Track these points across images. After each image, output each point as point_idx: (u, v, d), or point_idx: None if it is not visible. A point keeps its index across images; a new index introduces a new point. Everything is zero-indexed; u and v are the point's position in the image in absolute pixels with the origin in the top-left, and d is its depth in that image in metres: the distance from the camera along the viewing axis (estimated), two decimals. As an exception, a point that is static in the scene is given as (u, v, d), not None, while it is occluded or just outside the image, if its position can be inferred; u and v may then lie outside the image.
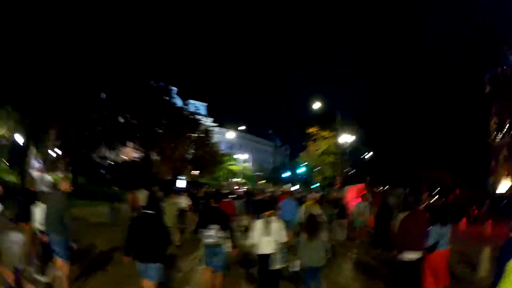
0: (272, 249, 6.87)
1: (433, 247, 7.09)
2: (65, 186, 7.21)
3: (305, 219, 7.58)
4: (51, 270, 7.19)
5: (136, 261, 6.05)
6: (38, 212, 7.58)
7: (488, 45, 30.17)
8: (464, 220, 18.60)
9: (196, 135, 45.34)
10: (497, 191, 30.00)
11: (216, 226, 6.79)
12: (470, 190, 26.10)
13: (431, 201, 23.38)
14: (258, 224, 7.01)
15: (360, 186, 24.46)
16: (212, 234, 6.78)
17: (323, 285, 7.64)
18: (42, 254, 7.50)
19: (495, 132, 30.66)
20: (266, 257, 6.90)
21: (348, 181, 32.59)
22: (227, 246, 7.13)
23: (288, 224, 11.25)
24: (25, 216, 7.94)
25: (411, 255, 7.04)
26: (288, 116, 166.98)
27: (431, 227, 7.24)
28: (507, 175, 32.40)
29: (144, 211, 6.47)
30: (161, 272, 6.14)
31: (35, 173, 27.02)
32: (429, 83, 29.78)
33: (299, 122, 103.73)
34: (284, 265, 7.14)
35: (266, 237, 6.85)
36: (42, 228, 7.30)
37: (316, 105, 31.91)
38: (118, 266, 7.13)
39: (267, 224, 6.89)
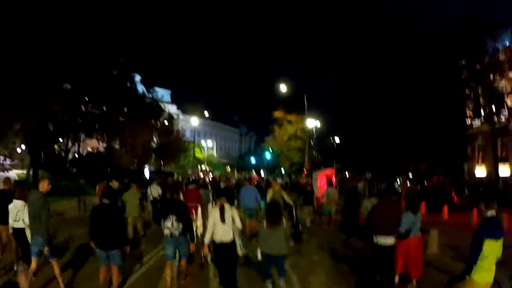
0: (229, 236, 6.74)
1: (406, 234, 7.08)
2: (43, 186, 7.07)
3: (266, 207, 7.50)
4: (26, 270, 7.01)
5: (98, 248, 6.49)
6: (15, 211, 7.61)
7: (469, 33, 29.72)
8: (445, 208, 18.14)
9: (159, 122, 43.73)
10: (475, 177, 30.32)
11: (173, 217, 6.85)
12: (445, 177, 25.97)
13: (407, 188, 23.24)
14: (213, 212, 6.84)
15: (329, 171, 24.02)
16: (169, 225, 6.84)
17: (289, 273, 7.74)
18: (23, 254, 7.56)
19: (470, 119, 30.77)
20: (222, 246, 6.76)
21: (316, 167, 32.22)
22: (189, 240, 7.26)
23: (248, 212, 11.88)
24: (4, 218, 7.79)
25: (385, 240, 7.07)
26: (254, 102, 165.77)
27: (403, 213, 7.25)
28: (482, 162, 32.80)
29: (100, 201, 6.85)
30: (120, 256, 6.60)
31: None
32: (403, 67, 29.22)
33: (266, 108, 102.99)
34: (242, 253, 7.01)
35: (221, 225, 6.69)
36: (16, 226, 7.47)
37: (283, 88, 30.94)
38: (94, 257, 7.12)
39: (221, 212, 6.72)
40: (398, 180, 29.75)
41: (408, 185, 24.87)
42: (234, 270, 6.94)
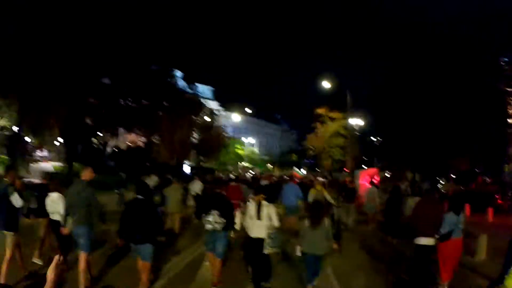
0: (263, 233, 6.85)
1: (447, 235, 6.90)
2: (86, 174, 7.06)
3: (309, 206, 7.66)
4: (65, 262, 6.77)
5: (130, 243, 6.59)
6: (51, 204, 7.70)
7: (506, 26, 27.82)
8: (491, 210, 16.91)
9: (199, 118, 43.70)
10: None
11: (215, 212, 6.74)
12: (489, 178, 24.47)
13: (454, 188, 22.02)
14: (250, 208, 7.03)
15: (372, 171, 23.31)
16: (211, 219, 6.74)
17: (328, 272, 7.84)
18: (60, 246, 7.49)
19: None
20: (257, 241, 6.88)
21: (359, 165, 31.27)
22: (229, 232, 7.39)
23: (289, 209, 12.07)
24: (43, 211, 7.95)
25: (427, 240, 6.95)
26: (296, 100, 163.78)
27: (445, 214, 7.09)
28: None
29: (135, 196, 6.79)
30: (152, 253, 6.53)
31: (38, 164, 27.46)
32: (445, 66, 27.78)
33: (308, 106, 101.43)
34: (275, 250, 7.15)
35: (257, 221, 6.85)
36: (60, 219, 7.34)
37: (326, 84, 29.99)
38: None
39: (258, 208, 6.87)
40: (441, 180, 28.34)
41: (452, 185, 23.47)
42: (266, 265, 7.00)
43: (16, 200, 6.90)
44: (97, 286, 7.06)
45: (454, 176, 26.13)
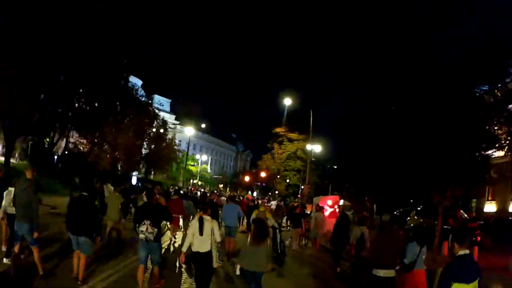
0: (206, 248, 6.92)
1: (410, 266, 6.86)
2: (30, 173, 7.33)
3: (253, 224, 7.73)
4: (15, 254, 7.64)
5: (70, 233, 7.15)
6: (6, 196, 7.97)
7: (495, 57, 27.26)
8: (475, 249, 15.19)
9: (150, 128, 40.95)
10: (482, 213, 27.62)
11: (148, 222, 6.95)
12: (468, 213, 23.22)
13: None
14: (193, 223, 7.12)
15: (333, 198, 21.95)
16: (143, 229, 6.93)
17: None
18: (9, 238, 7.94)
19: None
20: (199, 255, 6.94)
21: (316, 192, 29.74)
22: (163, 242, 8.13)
23: (229, 229, 11.89)
24: None
25: (386, 272, 6.64)
26: (253, 122, 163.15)
27: (408, 244, 7.00)
28: (491, 197, 30.13)
29: (80, 193, 7.37)
30: (90, 246, 7.16)
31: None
32: (418, 91, 26.73)
33: (264, 128, 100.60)
34: (217, 265, 7.19)
35: (199, 236, 6.91)
36: (10, 212, 7.76)
37: (287, 101, 28.06)
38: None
39: (200, 224, 6.92)
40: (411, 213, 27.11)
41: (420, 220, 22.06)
42: (208, 280, 7.09)
43: None
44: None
45: (419, 209, 24.75)
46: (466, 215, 20.73)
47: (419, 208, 24.03)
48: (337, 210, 19.99)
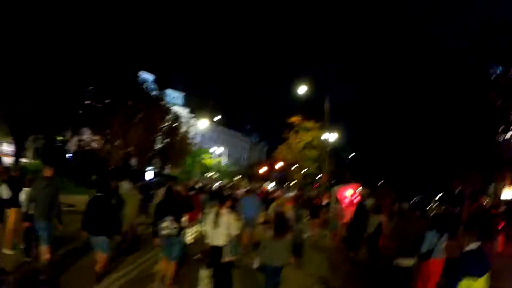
0: (223, 241, 6.90)
1: (427, 254, 6.72)
2: (48, 172, 7.59)
3: (273, 218, 7.48)
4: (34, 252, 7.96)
5: (89, 234, 7.47)
6: (24, 197, 8.09)
7: (495, 37, 25.87)
8: (501, 238, 14.21)
9: (164, 122, 40.26)
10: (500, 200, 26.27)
11: (170, 218, 7.13)
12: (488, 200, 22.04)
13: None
14: (209, 216, 7.10)
15: (354, 185, 20.85)
16: (166, 225, 7.08)
17: (284, 285, 7.61)
18: (26, 237, 8.20)
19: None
20: (216, 249, 6.92)
21: (338, 181, 28.78)
22: (186, 237, 8.36)
23: (247, 222, 11.61)
24: (15, 202, 8.43)
25: (407, 261, 6.83)
26: (268, 112, 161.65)
27: (427, 232, 6.91)
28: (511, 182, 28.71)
29: (96, 194, 7.68)
30: (108, 245, 7.57)
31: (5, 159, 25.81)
32: (431, 77, 25.68)
33: (280, 117, 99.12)
34: (235, 258, 7.18)
35: (216, 229, 6.88)
36: (29, 212, 7.78)
37: (301, 89, 26.86)
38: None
39: (217, 217, 6.90)
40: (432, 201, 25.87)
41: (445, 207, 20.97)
42: (226, 274, 7.05)
43: (4, 191, 7.91)
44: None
45: (440, 196, 23.79)
46: (487, 201, 19.56)
47: (439, 196, 23.09)
48: (357, 199, 19.15)
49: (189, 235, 10.90)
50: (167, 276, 7.61)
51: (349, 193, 19.85)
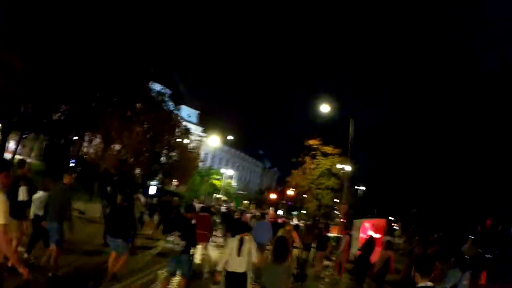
0: (244, 268, 6.97)
1: None
2: (67, 179, 7.94)
3: (273, 242, 7.43)
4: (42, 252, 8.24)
5: (110, 236, 8.19)
6: (36, 199, 8.23)
7: None
8: None
9: (171, 136, 37.83)
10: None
11: (176, 233, 7.28)
12: None
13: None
14: (232, 243, 7.06)
15: (380, 221, 18.27)
16: (171, 239, 7.28)
17: None
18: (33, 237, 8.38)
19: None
20: (237, 276, 6.96)
21: (358, 214, 26.00)
22: (193, 255, 8.35)
23: (259, 246, 11.03)
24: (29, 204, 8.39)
25: None
26: (282, 135, 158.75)
27: (449, 270, 7.20)
28: None
29: (121, 203, 8.90)
30: (126, 248, 8.16)
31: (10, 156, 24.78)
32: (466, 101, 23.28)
33: (295, 141, 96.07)
34: (251, 287, 7.21)
35: (237, 257, 6.91)
36: (40, 213, 8.11)
37: (323, 109, 23.96)
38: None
39: (240, 244, 6.92)
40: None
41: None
42: None
43: (23, 192, 7.85)
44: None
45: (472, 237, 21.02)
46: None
47: (471, 236, 20.29)
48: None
49: (198, 256, 11.01)
50: None
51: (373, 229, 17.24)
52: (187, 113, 76.44)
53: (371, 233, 16.15)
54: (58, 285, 7.33)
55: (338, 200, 37.40)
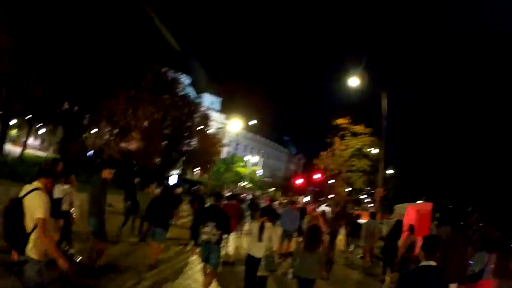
0: (260, 254, 7.20)
1: (478, 275, 6.87)
2: (106, 174, 7.99)
3: (306, 230, 7.75)
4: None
5: (151, 225, 8.97)
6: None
7: None
8: None
9: (191, 121, 36.01)
10: None
11: (212, 224, 7.21)
12: None
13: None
14: (253, 228, 7.39)
15: (426, 205, 16.66)
16: (207, 230, 7.17)
17: None
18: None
19: None
20: (254, 260, 7.22)
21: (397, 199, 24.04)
22: (225, 246, 9.31)
23: (286, 234, 12.73)
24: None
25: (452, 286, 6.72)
26: (309, 119, 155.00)
27: (477, 254, 7.21)
28: None
29: (159, 195, 9.82)
30: (163, 236, 8.77)
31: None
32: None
33: (322, 123, 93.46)
34: (269, 273, 7.62)
35: (258, 242, 7.13)
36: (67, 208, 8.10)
37: (352, 82, 21.23)
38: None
39: (261, 229, 7.15)
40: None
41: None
42: (262, 284, 7.43)
43: (58, 190, 7.79)
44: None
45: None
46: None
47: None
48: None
49: (231, 245, 11.07)
50: (205, 283, 7.71)
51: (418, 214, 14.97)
52: (210, 100, 75.17)
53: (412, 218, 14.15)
54: (96, 276, 7.42)
55: (369, 186, 35.19)
